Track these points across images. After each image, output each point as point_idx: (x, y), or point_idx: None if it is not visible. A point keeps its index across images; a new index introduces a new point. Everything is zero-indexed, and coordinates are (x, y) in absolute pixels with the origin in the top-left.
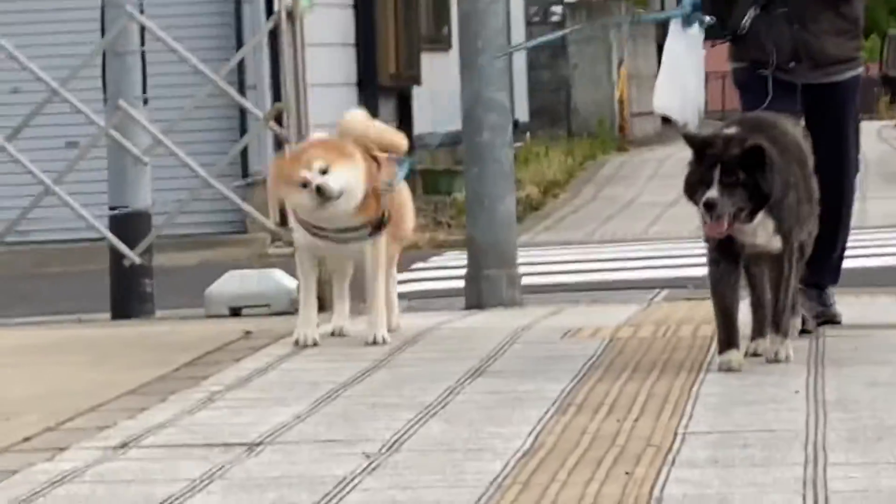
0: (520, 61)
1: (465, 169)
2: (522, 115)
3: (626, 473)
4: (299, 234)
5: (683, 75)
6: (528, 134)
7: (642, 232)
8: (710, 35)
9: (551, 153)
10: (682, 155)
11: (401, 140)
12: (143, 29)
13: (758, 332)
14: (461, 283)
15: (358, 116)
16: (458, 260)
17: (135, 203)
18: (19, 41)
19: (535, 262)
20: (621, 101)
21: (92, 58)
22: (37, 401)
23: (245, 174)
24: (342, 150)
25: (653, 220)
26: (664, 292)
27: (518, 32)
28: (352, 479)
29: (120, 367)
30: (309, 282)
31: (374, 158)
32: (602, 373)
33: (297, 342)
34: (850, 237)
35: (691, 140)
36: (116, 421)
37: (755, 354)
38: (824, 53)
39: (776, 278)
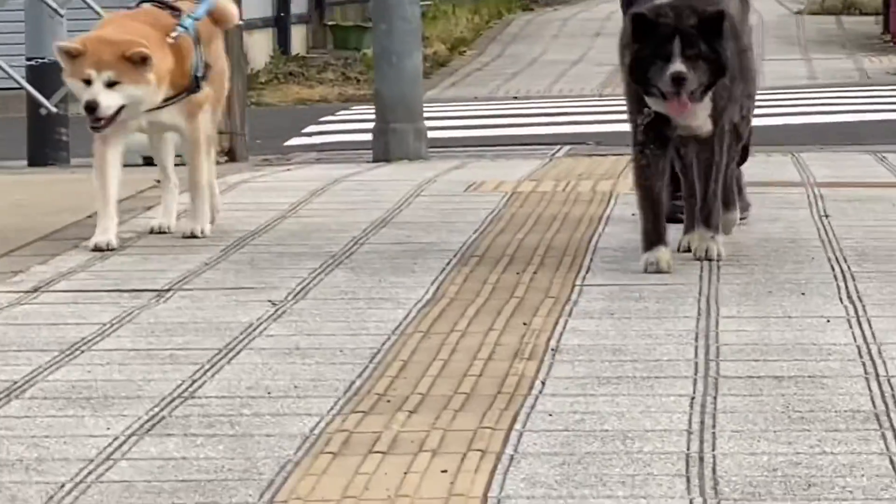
0: None
1: (373, 25)
2: None
3: (524, 324)
4: None
5: None
6: None
7: (546, 89)
8: None
9: (458, 11)
10: (585, 15)
11: None
12: None
13: (691, 224)
14: (368, 137)
15: None
16: (365, 114)
17: (52, 54)
18: None
19: (441, 116)
20: None
21: None
22: None
23: None
24: (135, 60)
25: (556, 77)
26: (566, 148)
27: None
28: (258, 326)
29: (34, 213)
30: (106, 178)
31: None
32: (503, 225)
33: (96, 248)
34: None
35: (636, 16)
36: (29, 265)
37: (687, 250)
38: None
39: (706, 165)
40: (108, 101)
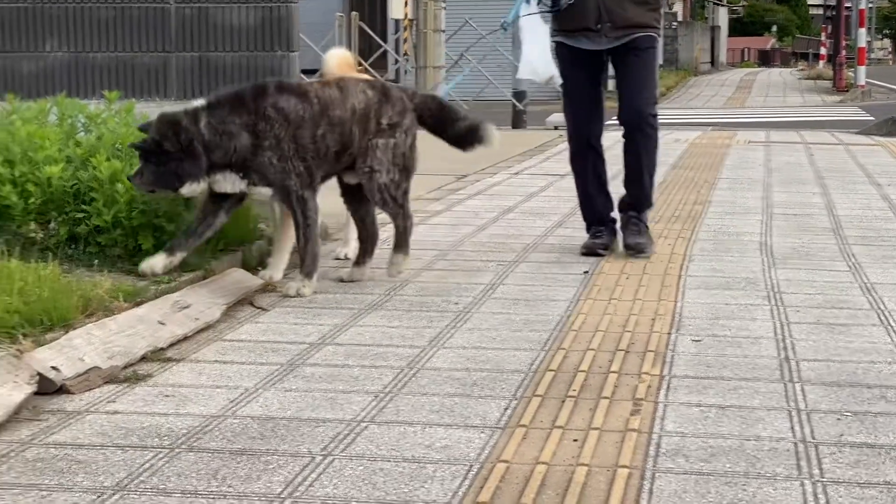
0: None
1: None
2: (660, 59)
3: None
4: None
5: (538, 46)
6: (662, 66)
7: (702, 105)
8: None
9: (670, 75)
10: (718, 77)
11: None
12: None
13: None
14: None
15: (336, 56)
16: None
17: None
18: None
19: (664, 115)
20: (696, 56)
21: None
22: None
23: None
24: None
25: (706, 100)
26: (710, 127)
27: None
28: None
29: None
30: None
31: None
32: (689, 152)
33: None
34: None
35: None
36: (511, 164)
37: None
38: (624, 18)
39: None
40: None
